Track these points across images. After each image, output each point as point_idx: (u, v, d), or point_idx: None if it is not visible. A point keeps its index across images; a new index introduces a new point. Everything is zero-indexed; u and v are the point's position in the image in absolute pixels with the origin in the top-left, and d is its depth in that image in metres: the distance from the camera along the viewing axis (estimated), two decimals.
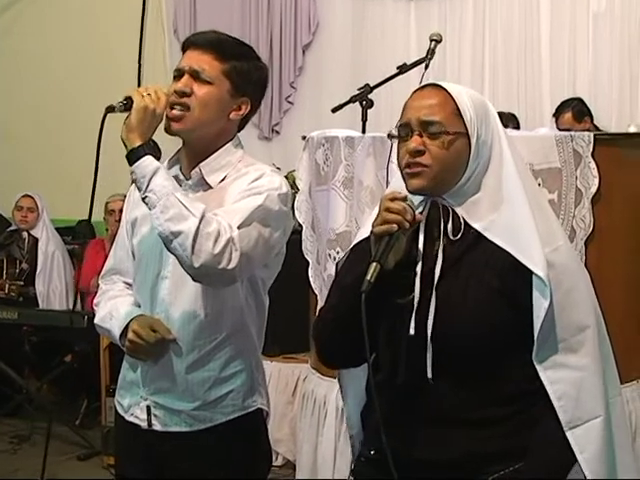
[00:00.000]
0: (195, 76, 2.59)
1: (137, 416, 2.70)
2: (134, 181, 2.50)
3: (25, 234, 7.39)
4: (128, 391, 2.75)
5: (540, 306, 2.11)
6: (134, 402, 2.71)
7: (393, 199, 2.16)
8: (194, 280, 2.51)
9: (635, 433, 3.79)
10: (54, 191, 8.00)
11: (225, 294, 2.60)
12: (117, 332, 2.67)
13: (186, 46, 2.68)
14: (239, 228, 2.46)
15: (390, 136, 2.25)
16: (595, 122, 6.95)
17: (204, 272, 2.44)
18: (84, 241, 7.85)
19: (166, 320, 2.62)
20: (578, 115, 6.85)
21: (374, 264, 2.10)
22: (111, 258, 2.89)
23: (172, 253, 2.47)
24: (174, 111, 2.58)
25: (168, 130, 2.61)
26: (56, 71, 9.03)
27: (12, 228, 7.49)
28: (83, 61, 8.88)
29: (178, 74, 2.63)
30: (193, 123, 2.59)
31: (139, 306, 2.72)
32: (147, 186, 2.45)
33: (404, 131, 2.21)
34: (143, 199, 2.48)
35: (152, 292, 2.67)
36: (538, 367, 2.14)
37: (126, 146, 2.51)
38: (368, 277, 2.08)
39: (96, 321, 2.79)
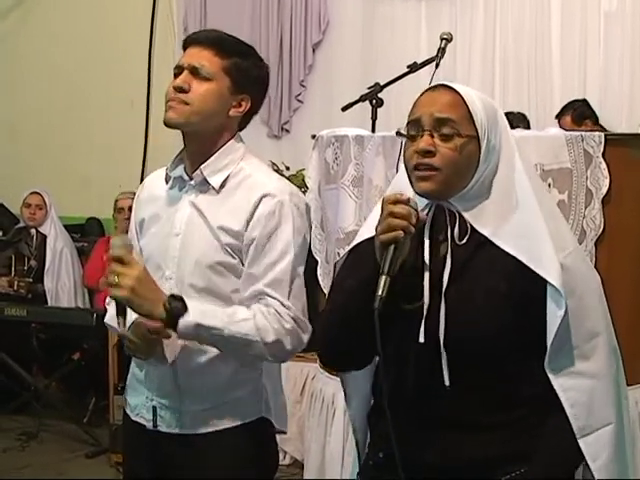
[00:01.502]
0: (194, 73, 2.58)
1: (143, 416, 2.70)
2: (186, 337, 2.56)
3: (33, 231, 7.38)
4: (136, 390, 2.75)
5: (554, 314, 2.09)
6: (140, 402, 2.71)
7: (396, 202, 2.09)
8: None
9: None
10: (62, 188, 8.00)
11: (234, 299, 2.61)
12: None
13: (187, 44, 2.68)
14: (290, 296, 2.54)
15: (399, 134, 2.21)
16: (603, 122, 6.91)
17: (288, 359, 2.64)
18: (93, 239, 7.87)
19: None
20: (577, 118, 6.80)
21: (384, 277, 2.04)
22: None
23: None
24: (172, 103, 2.57)
25: (167, 122, 2.59)
26: (65, 68, 9.03)
27: (20, 225, 7.48)
28: (92, 58, 8.87)
29: (178, 71, 2.62)
30: (192, 114, 2.56)
31: None
32: (200, 340, 2.53)
33: (414, 129, 2.16)
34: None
35: None
36: (550, 374, 2.12)
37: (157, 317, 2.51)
38: (379, 292, 2.02)
39: (106, 320, 2.79)
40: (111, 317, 2.76)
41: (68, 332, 6.47)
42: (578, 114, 6.82)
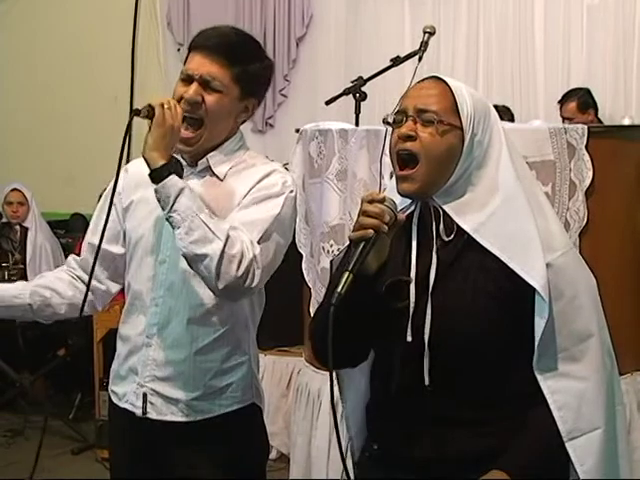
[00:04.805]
0: (205, 85, 2.57)
1: (132, 403, 2.68)
2: (158, 200, 2.47)
3: (17, 227, 7.36)
4: (124, 379, 2.73)
5: (540, 316, 2.07)
6: (130, 389, 2.69)
7: (371, 201, 2.08)
8: (215, 295, 2.53)
9: (630, 426, 3.79)
10: (46, 184, 7.98)
11: None
12: None
13: (194, 47, 2.64)
14: (259, 242, 2.50)
15: (385, 122, 2.22)
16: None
17: (227, 292, 2.47)
18: (77, 234, 7.84)
19: (167, 309, 2.62)
20: (582, 106, 6.84)
21: (346, 274, 2.01)
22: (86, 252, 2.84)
23: (196, 272, 2.48)
24: (188, 132, 2.57)
25: (183, 150, 2.60)
26: (48, 63, 9.00)
27: (3, 221, 7.46)
28: (75, 54, 8.85)
29: (187, 79, 2.60)
30: (206, 140, 2.60)
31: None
32: (172, 206, 2.44)
33: (399, 117, 2.17)
34: (167, 219, 2.47)
35: (152, 277, 2.65)
36: (539, 376, 2.10)
37: (148, 164, 2.47)
38: (339, 289, 1.99)
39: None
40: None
41: (53, 328, 6.43)
42: (583, 102, 6.86)
